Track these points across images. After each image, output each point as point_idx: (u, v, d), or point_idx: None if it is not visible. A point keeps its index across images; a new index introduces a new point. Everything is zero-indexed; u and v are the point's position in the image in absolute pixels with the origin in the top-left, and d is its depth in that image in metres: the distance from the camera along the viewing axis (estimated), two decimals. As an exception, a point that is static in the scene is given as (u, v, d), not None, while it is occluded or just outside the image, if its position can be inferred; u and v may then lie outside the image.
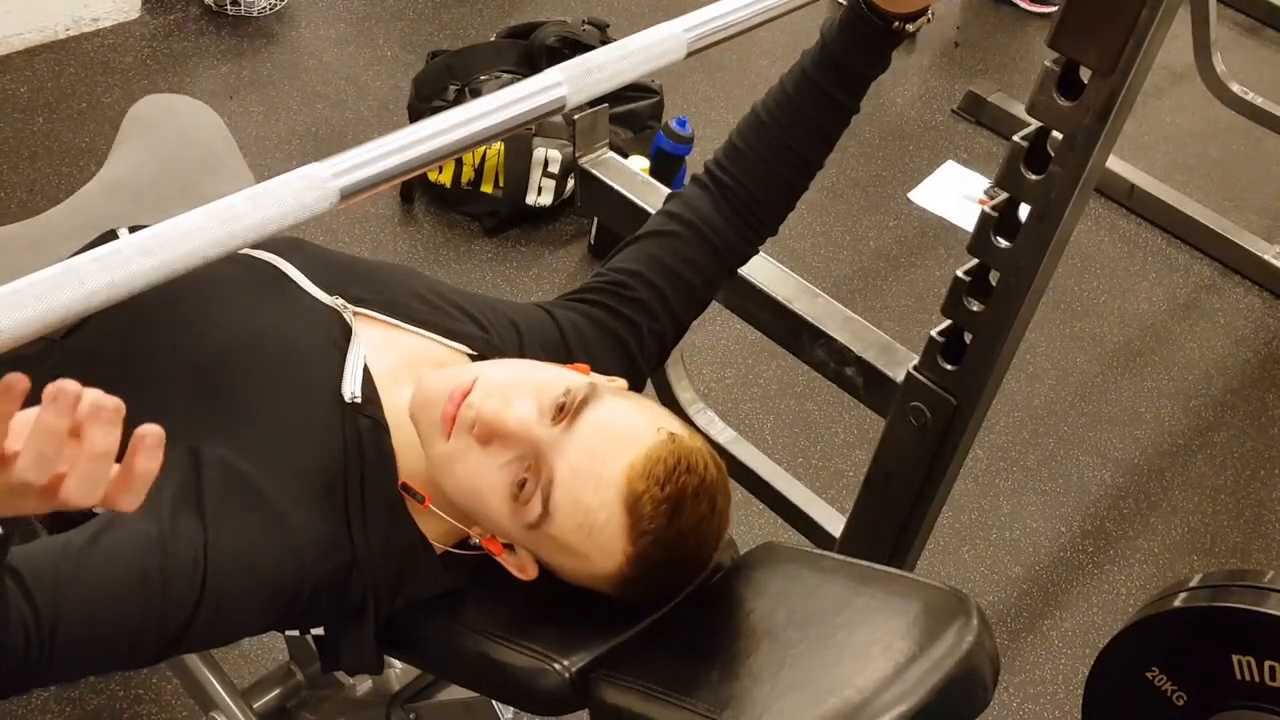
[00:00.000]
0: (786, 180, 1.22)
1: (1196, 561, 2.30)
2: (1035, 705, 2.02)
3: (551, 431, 0.95)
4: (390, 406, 1.05)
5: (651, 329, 1.19)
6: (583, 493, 0.94)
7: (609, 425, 0.96)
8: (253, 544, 0.95)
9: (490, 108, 0.84)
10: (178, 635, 0.91)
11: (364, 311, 1.12)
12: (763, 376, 2.48)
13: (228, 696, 1.46)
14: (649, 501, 0.93)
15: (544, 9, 3.28)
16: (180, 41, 2.99)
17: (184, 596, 0.90)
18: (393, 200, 2.71)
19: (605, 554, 0.96)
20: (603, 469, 0.94)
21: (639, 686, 0.95)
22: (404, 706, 1.35)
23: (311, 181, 0.74)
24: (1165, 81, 3.59)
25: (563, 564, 1.00)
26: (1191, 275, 3.00)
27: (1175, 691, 1.60)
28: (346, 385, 1.04)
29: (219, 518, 0.94)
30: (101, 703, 1.76)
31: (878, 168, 3.08)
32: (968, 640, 0.92)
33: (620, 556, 0.96)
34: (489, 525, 1.01)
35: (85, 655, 0.87)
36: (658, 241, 1.21)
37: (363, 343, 1.08)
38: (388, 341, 1.10)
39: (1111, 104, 1.17)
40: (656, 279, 1.19)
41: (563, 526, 0.95)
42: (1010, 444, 2.47)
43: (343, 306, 1.11)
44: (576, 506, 0.95)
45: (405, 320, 1.13)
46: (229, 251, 0.72)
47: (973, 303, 1.35)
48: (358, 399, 1.03)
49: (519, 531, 0.98)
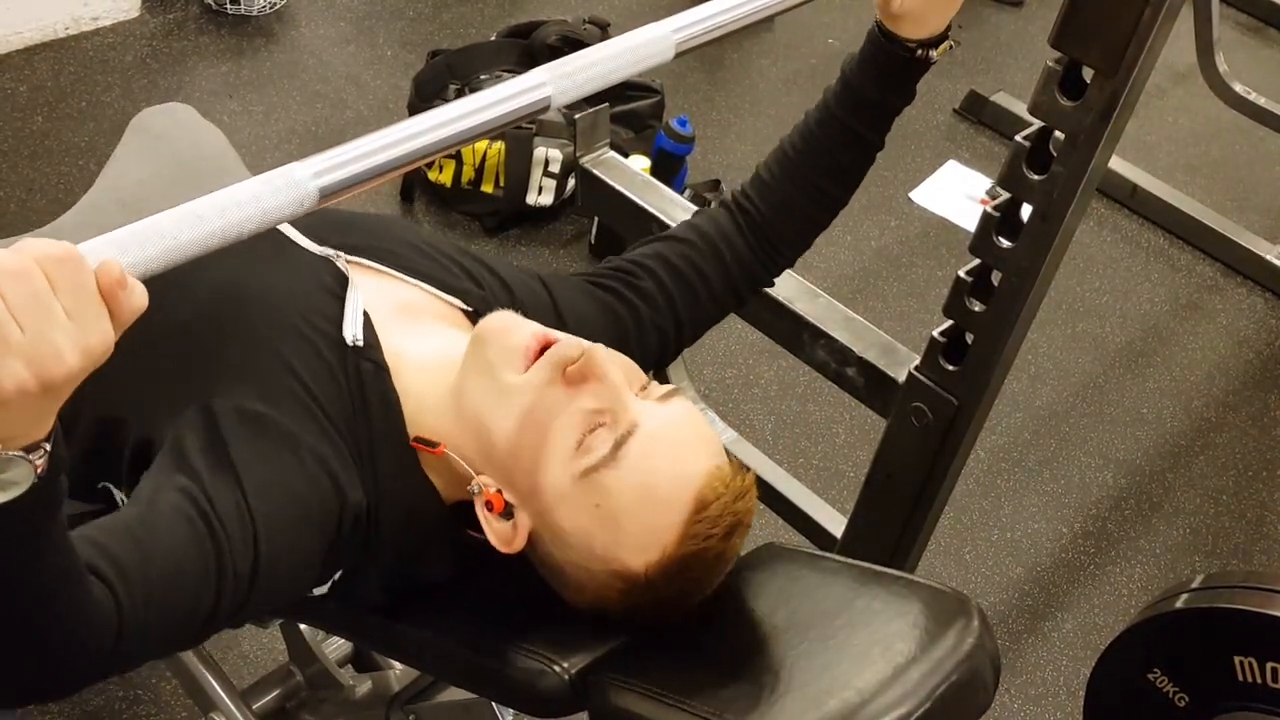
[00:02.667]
0: (806, 214, 1.21)
1: (1198, 562, 2.30)
2: (1036, 706, 2.02)
3: (641, 401, 0.96)
4: (390, 352, 1.02)
5: (653, 320, 1.17)
6: (660, 460, 0.93)
7: (699, 424, 0.97)
8: (285, 472, 0.92)
9: (474, 108, 0.83)
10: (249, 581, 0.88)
11: (357, 260, 1.09)
12: (764, 377, 2.48)
13: (227, 697, 1.46)
14: (719, 508, 0.93)
15: (545, 8, 3.27)
16: (180, 40, 2.98)
17: (242, 542, 0.88)
18: (393, 199, 2.71)
19: (646, 539, 0.93)
20: (688, 455, 0.94)
21: (639, 688, 0.95)
22: (403, 707, 1.34)
23: (291, 182, 0.74)
24: (1168, 81, 3.58)
25: (579, 544, 0.96)
26: (1194, 276, 2.99)
27: (1177, 693, 1.60)
28: (348, 329, 1.01)
29: (247, 460, 0.91)
30: (101, 703, 1.76)
31: (879, 167, 3.03)
32: (969, 642, 0.92)
33: (657, 552, 0.93)
34: (522, 473, 0.96)
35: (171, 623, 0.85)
36: (672, 245, 1.20)
37: (360, 288, 1.05)
38: (382, 290, 1.07)
39: (1114, 104, 1.16)
40: (665, 277, 1.18)
41: (624, 481, 0.93)
42: (1011, 444, 2.46)
43: (335, 255, 1.08)
44: (649, 466, 0.93)
45: (400, 270, 1.10)
46: (203, 253, 0.70)
47: (974, 303, 1.35)
48: (360, 342, 1.01)
49: (561, 481, 0.94)
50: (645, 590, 0.96)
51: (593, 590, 0.99)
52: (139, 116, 1.57)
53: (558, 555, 0.98)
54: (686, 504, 0.93)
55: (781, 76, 3.33)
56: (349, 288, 1.05)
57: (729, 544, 0.95)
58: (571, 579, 1.00)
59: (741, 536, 0.97)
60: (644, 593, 0.96)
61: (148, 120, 1.56)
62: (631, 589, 0.96)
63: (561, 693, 0.97)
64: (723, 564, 0.98)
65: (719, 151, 2.98)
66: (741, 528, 0.96)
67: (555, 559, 0.99)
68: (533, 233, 2.70)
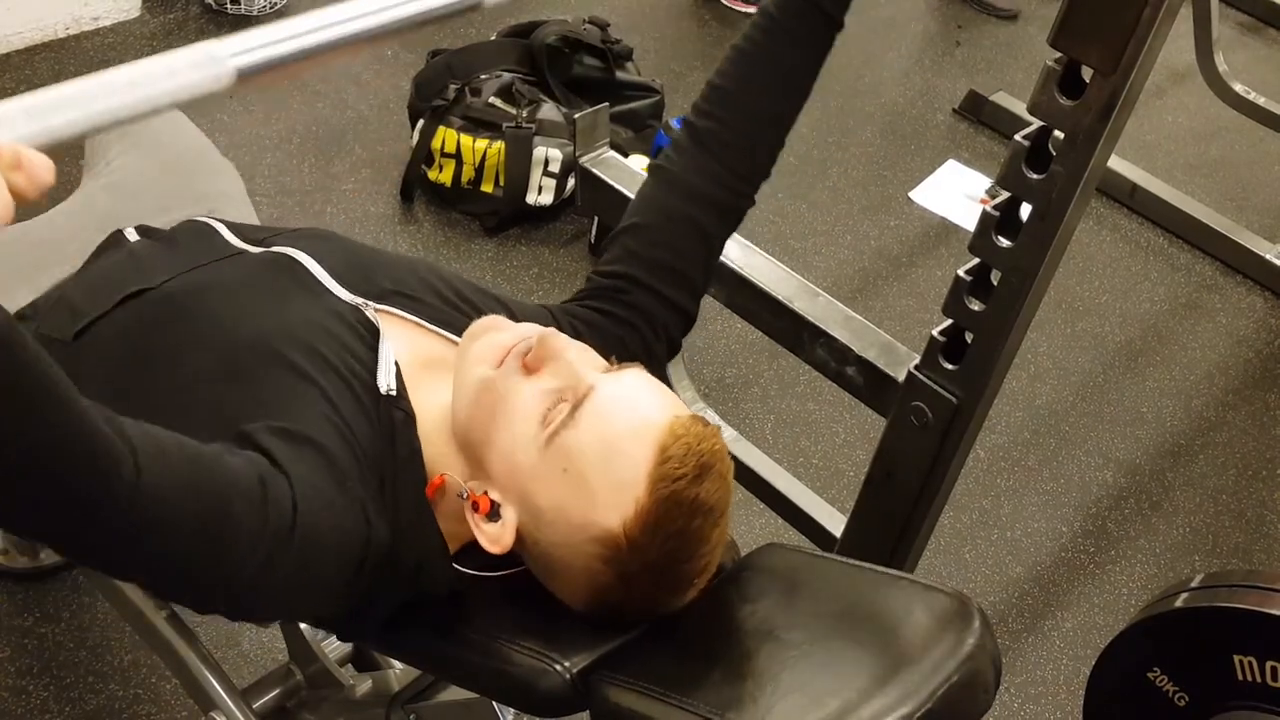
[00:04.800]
0: (774, 112, 1.19)
1: (1198, 562, 2.30)
2: (1036, 706, 2.02)
3: (599, 374, 0.98)
4: (414, 403, 1.04)
5: (656, 325, 1.18)
6: (618, 414, 0.95)
7: (655, 384, 0.99)
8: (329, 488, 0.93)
9: None
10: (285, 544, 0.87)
11: (386, 309, 1.11)
12: (763, 376, 2.48)
13: (227, 696, 1.46)
14: (682, 448, 0.93)
15: (545, 8, 3.27)
16: (180, 40, 2.98)
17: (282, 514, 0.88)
18: (393, 199, 2.71)
19: (617, 495, 0.93)
20: (645, 407, 0.96)
21: (640, 687, 0.95)
22: (404, 707, 1.34)
23: (210, 58, 0.75)
24: (1167, 81, 3.59)
25: (557, 519, 0.96)
26: (1193, 275, 3.00)
27: (1177, 692, 1.60)
28: (382, 378, 1.03)
29: (292, 462, 0.92)
30: (101, 702, 1.76)
31: (879, 167, 3.08)
32: (969, 642, 0.92)
33: (631, 506, 0.93)
34: (498, 461, 0.98)
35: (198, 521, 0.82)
36: (641, 237, 1.19)
37: (391, 338, 1.08)
38: (409, 340, 1.10)
39: (1113, 103, 1.16)
40: (649, 279, 1.18)
41: (585, 438, 0.94)
42: (1011, 444, 2.46)
43: (364, 304, 1.11)
44: (607, 421, 0.94)
45: (426, 319, 1.13)
46: (119, 121, 0.71)
47: (974, 302, 1.35)
48: (393, 392, 1.03)
49: (530, 456, 0.96)
50: (632, 555, 0.94)
51: (583, 571, 0.97)
52: None
53: (543, 542, 0.98)
54: (649, 451, 0.93)
55: (781, 76, 3.33)
56: (381, 338, 1.07)
57: (701, 487, 0.94)
58: (561, 565, 0.99)
59: (715, 484, 0.95)
60: (631, 559, 0.94)
61: None
62: (616, 555, 0.94)
63: (563, 692, 0.97)
64: (702, 517, 0.95)
65: (719, 151, 2.98)
66: (712, 472, 0.94)
67: (542, 548, 0.99)
68: (532, 232, 2.70)
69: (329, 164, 2.75)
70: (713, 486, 0.95)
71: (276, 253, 1.17)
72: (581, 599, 1.01)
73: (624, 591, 0.98)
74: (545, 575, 1.02)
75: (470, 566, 1.04)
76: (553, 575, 1.01)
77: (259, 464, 0.90)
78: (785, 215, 2.89)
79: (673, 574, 0.98)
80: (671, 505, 0.93)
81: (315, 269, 1.14)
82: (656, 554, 0.95)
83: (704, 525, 0.96)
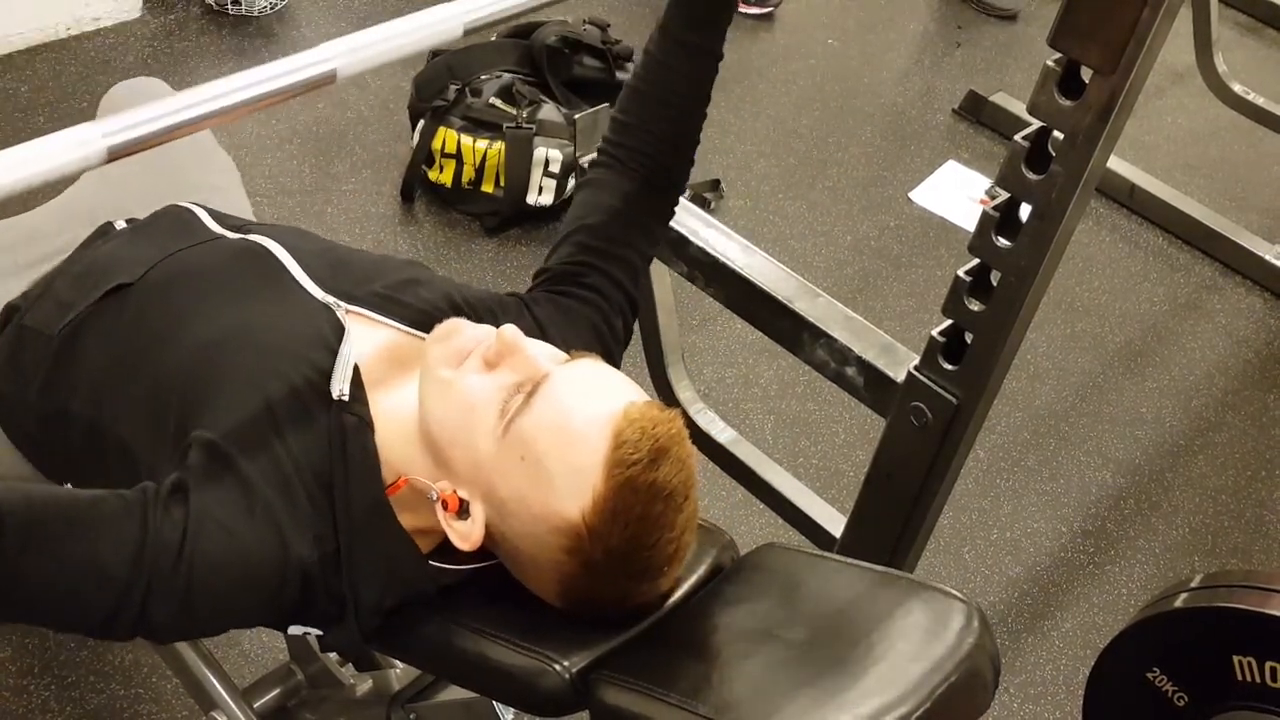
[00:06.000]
0: (672, 135, 1.26)
1: (1197, 562, 2.30)
2: (1036, 706, 2.02)
3: (555, 365, 0.99)
4: (376, 406, 1.05)
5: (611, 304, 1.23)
6: (572, 400, 0.96)
7: (611, 372, 1.01)
8: (234, 519, 0.96)
9: (261, 78, 0.86)
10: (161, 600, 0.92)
11: (356, 310, 1.12)
12: (763, 376, 2.48)
13: (228, 696, 1.46)
14: (636, 432, 0.93)
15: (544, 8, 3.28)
16: (181, 41, 2.99)
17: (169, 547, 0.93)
18: (393, 200, 2.71)
19: (574, 481, 0.93)
20: (599, 393, 0.97)
21: (640, 687, 0.95)
22: (404, 706, 1.34)
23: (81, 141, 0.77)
24: (1166, 81, 3.59)
25: (519, 510, 0.96)
26: (1192, 275, 3.00)
27: (1176, 692, 1.60)
28: (335, 383, 1.04)
29: (202, 488, 0.96)
30: (102, 702, 1.76)
31: (878, 168, 3.08)
32: (969, 642, 0.92)
33: (589, 494, 0.93)
34: (461, 457, 0.99)
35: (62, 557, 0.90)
36: (586, 234, 1.25)
37: (354, 341, 1.08)
38: (378, 341, 1.10)
39: (1112, 104, 1.16)
40: (601, 264, 1.23)
41: (540, 423, 0.95)
42: (1011, 444, 2.47)
43: (335, 304, 1.11)
44: (561, 407, 0.95)
45: (397, 319, 1.13)
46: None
47: (974, 302, 1.35)
48: (345, 397, 1.03)
49: (490, 447, 0.97)
50: (594, 544, 0.94)
51: (549, 563, 0.97)
52: (108, 94, 1.59)
53: (510, 535, 0.99)
54: (604, 436, 0.93)
55: (781, 77, 3.33)
56: (344, 340, 1.08)
57: (659, 472, 0.93)
58: (528, 559, 0.99)
59: (673, 468, 0.94)
60: (594, 547, 0.94)
61: (117, 96, 1.58)
62: (579, 544, 0.94)
63: (562, 692, 0.98)
64: (663, 502, 0.94)
65: (718, 151, 2.98)
66: (669, 456, 0.94)
67: (511, 542, 0.99)
68: (533, 232, 2.70)
69: (329, 164, 2.75)
70: (670, 470, 0.94)
71: (252, 241, 1.19)
72: (554, 592, 1.01)
73: (590, 581, 0.97)
74: (517, 570, 1.03)
75: (451, 564, 1.04)
76: (523, 569, 1.02)
77: (148, 503, 0.94)
78: (785, 215, 2.89)
79: (638, 561, 0.97)
80: (628, 491, 0.93)
81: (290, 263, 1.16)
82: (618, 541, 0.94)
83: (665, 510, 0.95)
